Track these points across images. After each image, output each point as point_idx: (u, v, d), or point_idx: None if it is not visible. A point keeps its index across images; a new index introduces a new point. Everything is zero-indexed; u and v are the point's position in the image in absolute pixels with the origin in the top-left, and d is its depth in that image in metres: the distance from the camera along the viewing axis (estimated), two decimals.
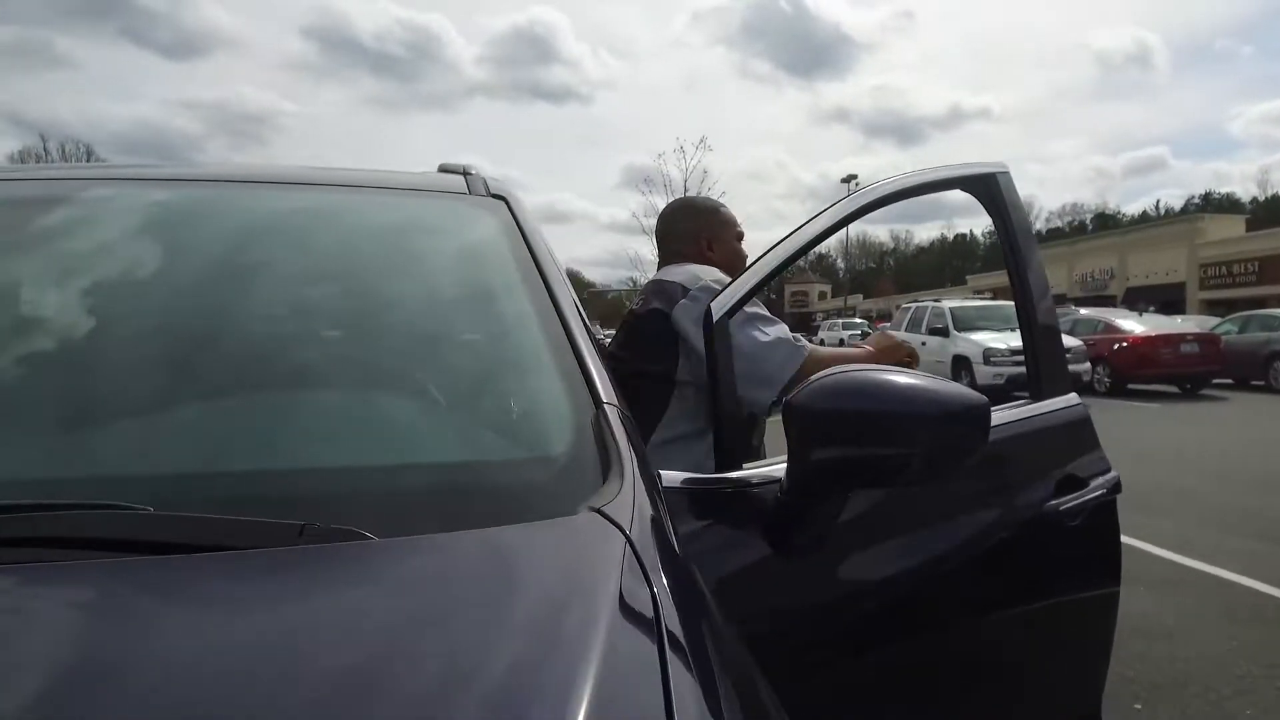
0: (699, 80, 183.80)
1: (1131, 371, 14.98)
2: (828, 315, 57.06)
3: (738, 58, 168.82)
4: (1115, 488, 1.76)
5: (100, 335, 1.05)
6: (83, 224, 1.28)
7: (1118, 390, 15.19)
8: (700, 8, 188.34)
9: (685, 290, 1.90)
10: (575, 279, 63.58)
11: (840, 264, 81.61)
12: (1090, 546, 1.75)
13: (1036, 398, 1.76)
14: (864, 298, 73.08)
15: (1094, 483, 1.72)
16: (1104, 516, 1.74)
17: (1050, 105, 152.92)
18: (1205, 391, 15.39)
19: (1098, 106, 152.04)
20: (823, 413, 1.15)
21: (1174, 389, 15.45)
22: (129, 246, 1.22)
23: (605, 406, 0.97)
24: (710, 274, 1.95)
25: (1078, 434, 1.79)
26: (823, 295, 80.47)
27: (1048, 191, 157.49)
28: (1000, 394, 14.28)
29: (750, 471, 1.34)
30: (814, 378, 1.18)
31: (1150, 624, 3.88)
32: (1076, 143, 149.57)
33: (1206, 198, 79.52)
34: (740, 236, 2.27)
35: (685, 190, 16.21)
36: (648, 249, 18.09)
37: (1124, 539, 5.27)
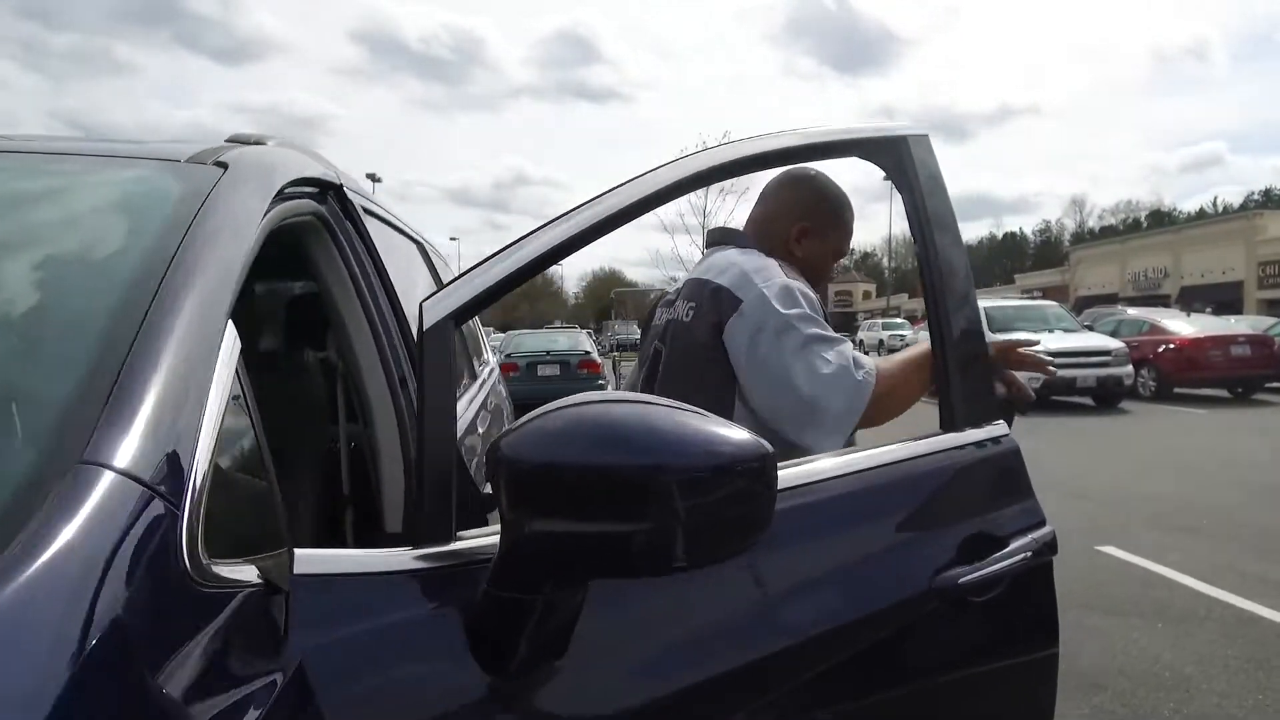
0: (743, 79, 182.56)
1: (1178, 375, 14.17)
2: (870, 315, 56.06)
3: (782, 56, 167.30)
4: (1048, 547, 1.34)
5: None
6: None
7: (1163, 394, 14.39)
8: (744, 6, 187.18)
9: (736, 300, 1.56)
10: (615, 280, 63.20)
11: (885, 263, 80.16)
12: (1009, 626, 1.32)
13: (947, 428, 1.34)
14: (909, 297, 71.73)
15: (1016, 543, 1.30)
16: (1031, 587, 1.32)
17: (1102, 100, 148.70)
18: (1257, 396, 14.52)
19: (1152, 101, 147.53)
20: (537, 468, 0.77)
21: (1224, 393, 14.62)
22: None
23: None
24: (772, 274, 1.58)
25: (1001, 477, 1.37)
26: (867, 295, 79.24)
27: (1100, 188, 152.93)
28: (1037, 398, 13.54)
29: (466, 544, 0.92)
30: (528, 416, 0.80)
31: (1165, 671, 3.38)
32: (1130, 139, 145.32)
33: (1267, 194, 76.58)
34: (840, 255, 1.86)
35: (706, 199, 15.63)
36: (689, 248, 17.53)
37: (1148, 565, 4.74)
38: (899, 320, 41.85)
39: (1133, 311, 18.00)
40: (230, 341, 0.84)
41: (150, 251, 0.88)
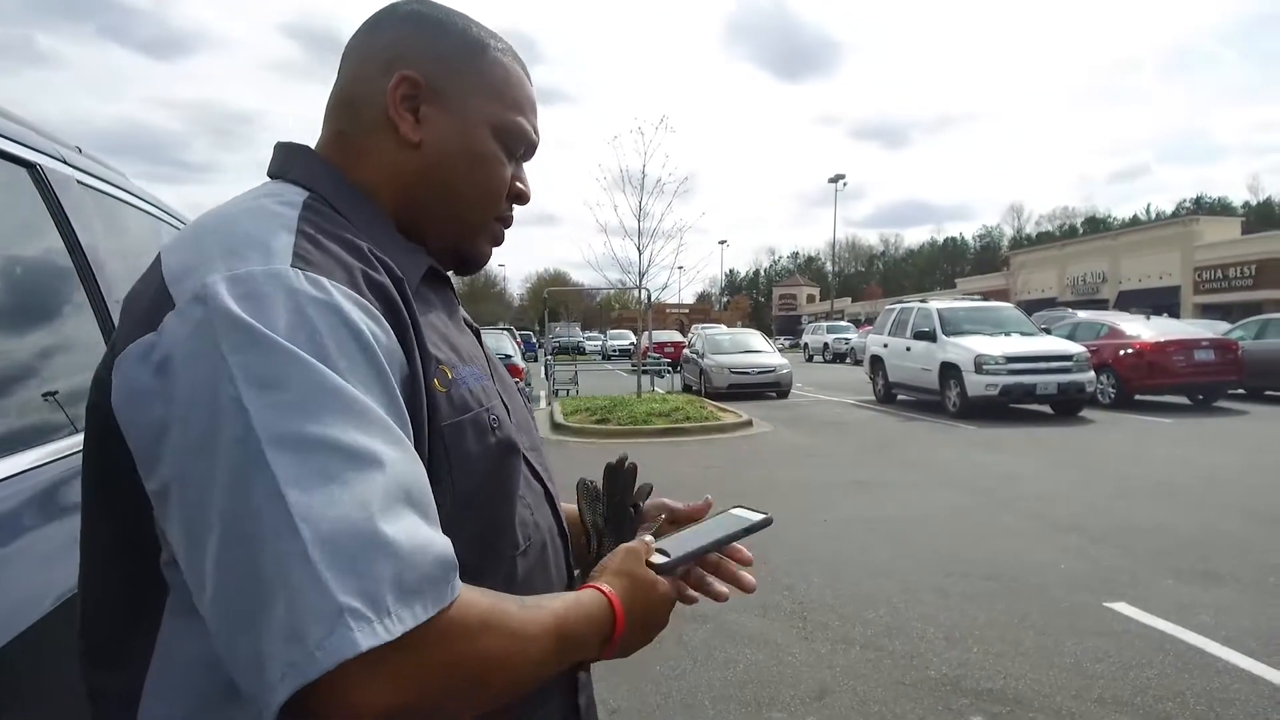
0: (685, 81, 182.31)
1: (1140, 381, 13.39)
2: (814, 319, 55.63)
3: (723, 59, 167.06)
4: None
5: None
6: None
7: (1124, 402, 13.62)
8: (685, 9, 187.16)
9: (169, 298, 0.65)
10: (560, 281, 61.90)
11: (829, 267, 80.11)
12: None
13: None
14: (852, 301, 71.68)
15: None
16: None
17: (1037, 109, 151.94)
18: (1220, 404, 13.85)
19: (1084, 111, 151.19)
20: None
21: (1184, 400, 13.92)
22: None
23: None
24: (249, 235, 0.68)
25: None
26: (811, 298, 79.16)
27: (1037, 195, 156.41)
28: (995, 407, 12.86)
29: None
30: None
31: None
32: (1064, 147, 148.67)
33: (1198, 201, 78.38)
34: (516, 140, 0.87)
35: (644, 183, 14.34)
36: (624, 247, 16.50)
37: (1176, 631, 2.95)
38: (844, 324, 41.29)
39: (1087, 314, 17.31)
40: None
41: None
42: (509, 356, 12.13)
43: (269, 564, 0.54)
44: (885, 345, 15.38)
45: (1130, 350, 13.56)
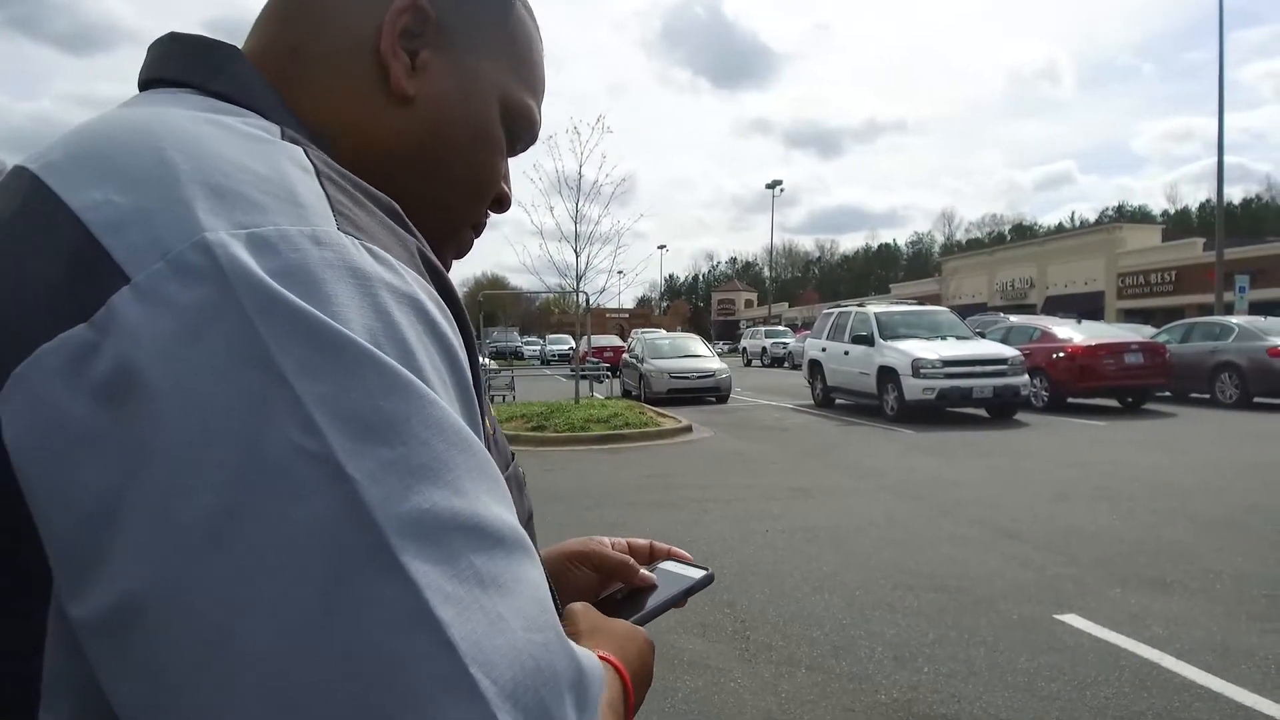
0: (620, 87, 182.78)
1: (1073, 384, 13.57)
2: (752, 323, 55.98)
3: (658, 65, 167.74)
4: None
5: None
6: None
7: (1056, 405, 13.80)
8: (620, 14, 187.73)
9: (108, 259, 0.36)
10: (498, 285, 61.24)
11: (766, 272, 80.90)
12: None
13: None
14: (789, 305, 72.40)
15: None
16: None
17: (963, 119, 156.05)
18: (1148, 406, 14.12)
19: (1008, 121, 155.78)
20: None
21: (1114, 403, 14.15)
22: None
23: None
24: (256, 168, 0.39)
25: None
26: (749, 303, 79.74)
27: (965, 203, 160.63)
28: (932, 410, 12.89)
29: None
30: None
31: None
32: (990, 156, 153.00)
33: (1120, 210, 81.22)
34: (532, 124, 0.64)
35: (581, 184, 13.98)
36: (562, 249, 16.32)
37: (1127, 644, 2.79)
38: (781, 328, 41.59)
39: (1018, 318, 17.55)
40: None
41: None
42: None
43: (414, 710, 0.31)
44: (823, 350, 15.35)
45: (1063, 354, 13.73)
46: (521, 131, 0.64)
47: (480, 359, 0.57)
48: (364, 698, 0.31)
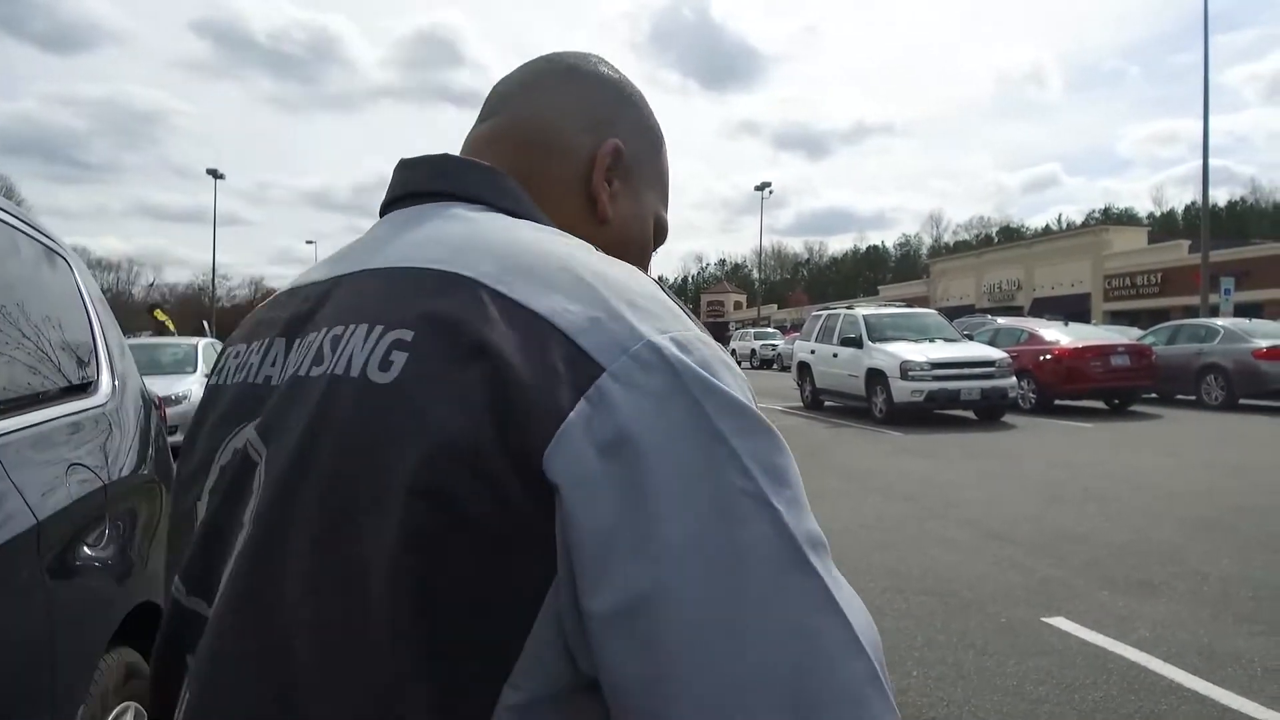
0: None
1: (1059, 386, 13.63)
2: (741, 325, 56.04)
3: (648, 67, 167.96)
4: None
5: None
6: None
7: (1044, 407, 13.85)
8: (609, 15, 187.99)
9: (587, 357, 0.52)
10: None
11: (755, 274, 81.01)
12: None
13: None
14: (778, 307, 72.52)
15: None
16: None
17: (950, 121, 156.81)
18: (1135, 409, 14.20)
19: (996, 124, 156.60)
20: None
21: (1101, 405, 14.22)
22: None
23: None
24: (643, 289, 0.57)
25: None
26: (738, 305, 79.80)
27: (953, 205, 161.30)
28: (921, 412, 12.91)
29: None
30: None
31: None
32: (977, 159, 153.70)
33: (1106, 212, 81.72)
34: (663, 221, 0.83)
35: None
36: None
37: (1114, 646, 2.87)
38: (770, 330, 41.65)
39: (1006, 320, 17.62)
40: None
41: None
42: None
43: (841, 688, 0.46)
44: (812, 352, 15.37)
45: (1049, 356, 13.79)
46: (661, 241, 0.81)
47: None
48: (801, 656, 0.46)
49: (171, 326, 28.89)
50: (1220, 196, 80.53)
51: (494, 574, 0.47)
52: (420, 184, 0.66)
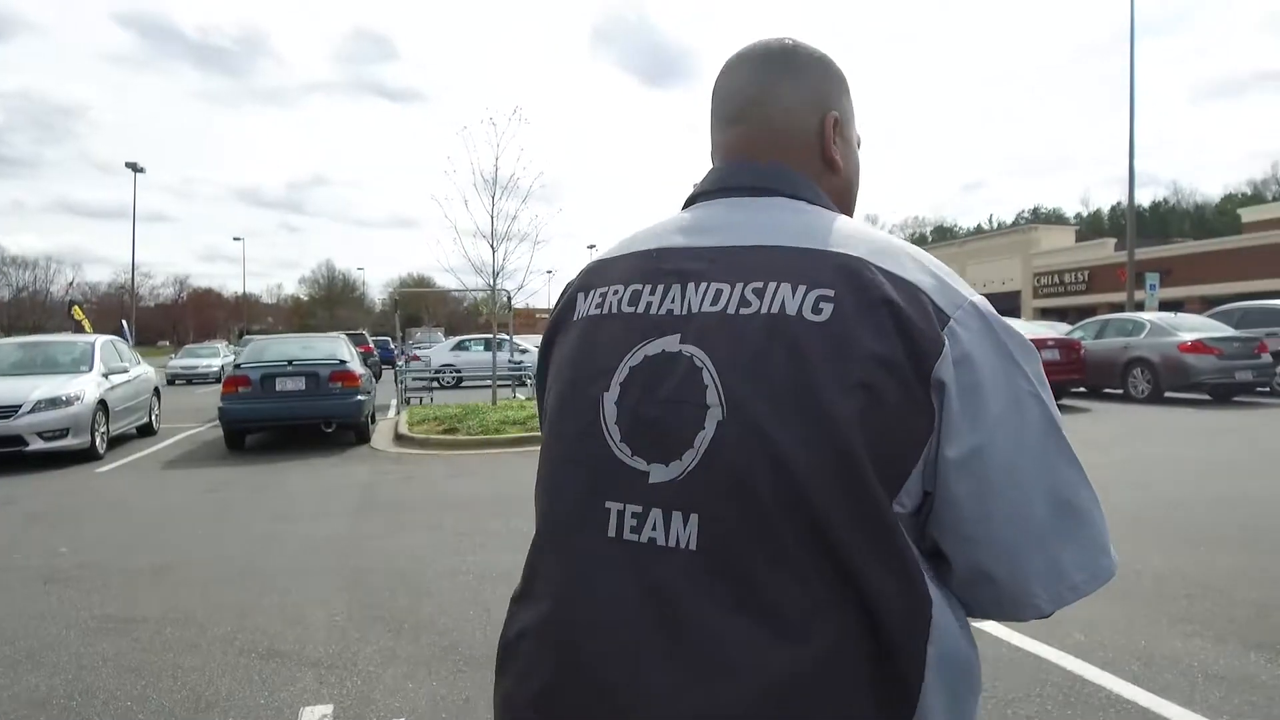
0: (550, 85, 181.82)
1: None
2: None
3: (589, 65, 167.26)
4: None
5: None
6: None
7: None
8: (549, 12, 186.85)
9: (943, 317, 0.85)
10: (425, 284, 59.91)
11: None
12: None
13: None
14: None
15: None
16: None
17: (884, 121, 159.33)
18: (1064, 402, 14.29)
19: (929, 125, 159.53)
20: None
21: None
22: None
23: None
24: (940, 263, 0.93)
25: None
26: None
27: (890, 205, 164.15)
28: None
29: None
30: None
31: None
32: (913, 160, 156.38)
33: (1035, 212, 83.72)
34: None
35: (496, 186, 13.52)
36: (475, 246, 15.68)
37: (1054, 655, 2.99)
38: None
39: None
40: None
41: None
42: (344, 363, 11.02)
43: (1080, 501, 0.86)
44: None
45: None
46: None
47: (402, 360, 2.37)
48: (1060, 481, 0.85)
49: (88, 327, 27.57)
50: (1145, 197, 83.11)
51: (900, 429, 0.80)
52: (741, 181, 0.97)
